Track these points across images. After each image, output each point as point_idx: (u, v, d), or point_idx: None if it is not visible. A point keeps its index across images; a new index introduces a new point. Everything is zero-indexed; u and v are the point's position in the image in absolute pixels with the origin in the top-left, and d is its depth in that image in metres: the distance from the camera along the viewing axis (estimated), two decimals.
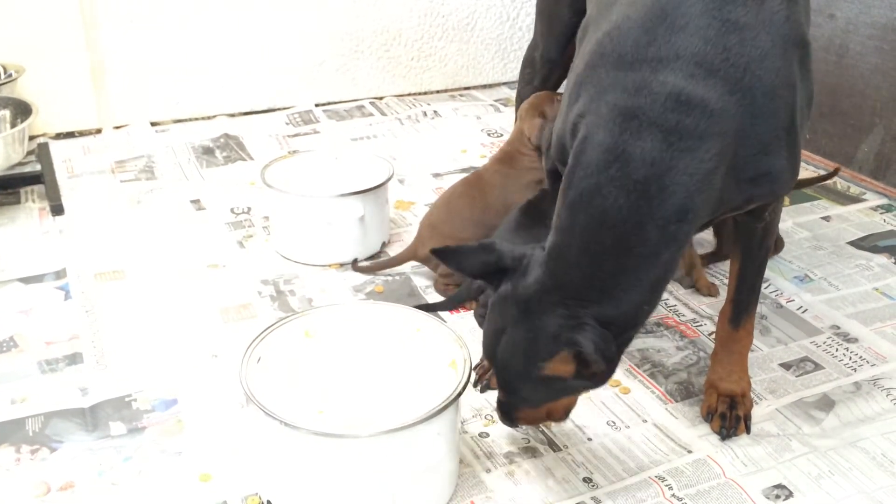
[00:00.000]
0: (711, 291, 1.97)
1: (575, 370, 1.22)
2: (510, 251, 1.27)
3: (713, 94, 1.18)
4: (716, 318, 1.89)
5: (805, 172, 2.62)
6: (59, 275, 2.03)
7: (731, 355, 1.59)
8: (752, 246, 1.52)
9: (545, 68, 2.10)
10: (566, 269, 1.21)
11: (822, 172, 2.63)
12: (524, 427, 1.54)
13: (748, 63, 1.20)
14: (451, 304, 1.90)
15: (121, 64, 2.87)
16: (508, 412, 1.37)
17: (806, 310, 1.92)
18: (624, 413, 1.60)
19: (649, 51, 1.20)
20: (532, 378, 1.25)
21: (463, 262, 1.31)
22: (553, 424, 1.55)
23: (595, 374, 1.24)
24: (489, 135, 2.90)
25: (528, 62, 2.18)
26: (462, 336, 1.43)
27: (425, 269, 2.02)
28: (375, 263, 2.05)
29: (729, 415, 1.54)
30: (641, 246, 1.19)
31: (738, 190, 1.28)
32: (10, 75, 2.62)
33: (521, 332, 1.24)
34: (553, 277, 1.21)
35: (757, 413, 1.59)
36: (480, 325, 1.78)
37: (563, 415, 1.40)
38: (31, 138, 2.65)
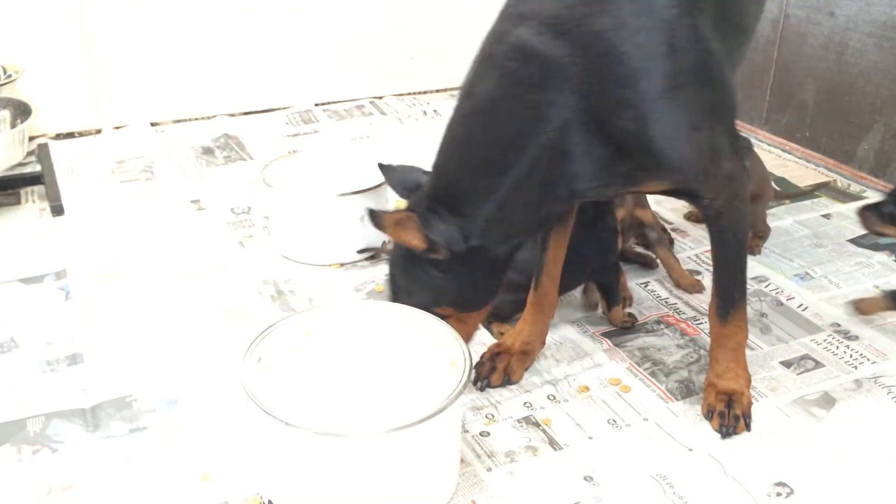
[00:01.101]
0: (696, 288, 1.98)
1: (424, 248, 1.38)
2: (421, 174, 1.54)
3: (558, 52, 1.30)
4: None
5: (805, 171, 2.62)
6: (60, 275, 2.03)
7: (725, 351, 1.59)
8: (716, 235, 1.53)
9: None
10: (433, 184, 1.44)
11: (823, 171, 2.64)
12: (524, 426, 1.54)
13: (602, 31, 1.30)
14: None
15: (120, 64, 2.87)
16: None
17: (806, 307, 1.92)
18: (624, 411, 1.60)
19: (520, 7, 1.38)
20: (399, 259, 1.48)
21: (394, 179, 1.62)
22: (552, 422, 1.55)
23: (442, 262, 1.41)
24: None
25: None
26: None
27: None
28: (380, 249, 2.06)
29: (727, 413, 1.54)
30: (479, 168, 1.38)
31: (614, 159, 1.35)
32: (10, 76, 2.62)
33: None
34: (428, 188, 1.45)
35: (758, 411, 1.59)
36: None
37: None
38: (31, 139, 2.65)
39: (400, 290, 1.52)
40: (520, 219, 1.42)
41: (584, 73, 1.30)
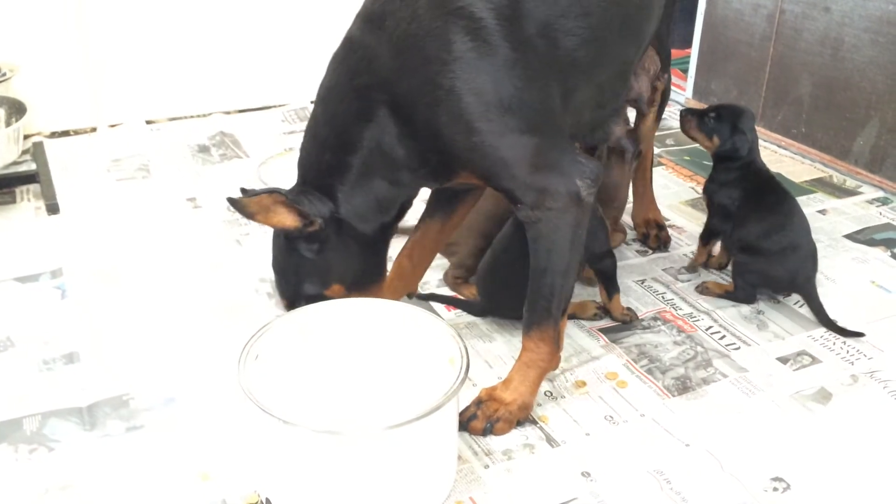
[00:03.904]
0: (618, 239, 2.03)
1: (299, 224, 1.50)
2: None
3: (372, 42, 1.45)
4: (714, 314, 1.89)
5: (801, 166, 2.63)
6: (56, 274, 2.03)
7: (518, 362, 1.54)
8: (530, 243, 1.48)
9: None
10: (300, 171, 1.57)
11: (819, 166, 2.64)
12: (521, 423, 1.54)
13: (400, 21, 1.42)
14: (456, 305, 1.90)
15: (115, 62, 2.87)
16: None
17: (803, 304, 1.92)
18: (621, 407, 1.60)
19: (360, 9, 1.52)
20: (277, 256, 1.60)
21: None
22: (549, 419, 1.55)
23: (318, 234, 1.51)
24: None
25: None
26: (459, 332, 1.43)
27: None
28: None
29: (478, 414, 1.51)
30: (329, 148, 1.52)
31: (420, 142, 1.46)
32: (4, 74, 2.61)
33: None
34: (298, 177, 1.58)
35: (754, 406, 1.59)
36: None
37: None
38: (26, 137, 2.65)
39: (288, 286, 1.61)
40: (379, 197, 1.53)
41: (390, 61, 1.43)
